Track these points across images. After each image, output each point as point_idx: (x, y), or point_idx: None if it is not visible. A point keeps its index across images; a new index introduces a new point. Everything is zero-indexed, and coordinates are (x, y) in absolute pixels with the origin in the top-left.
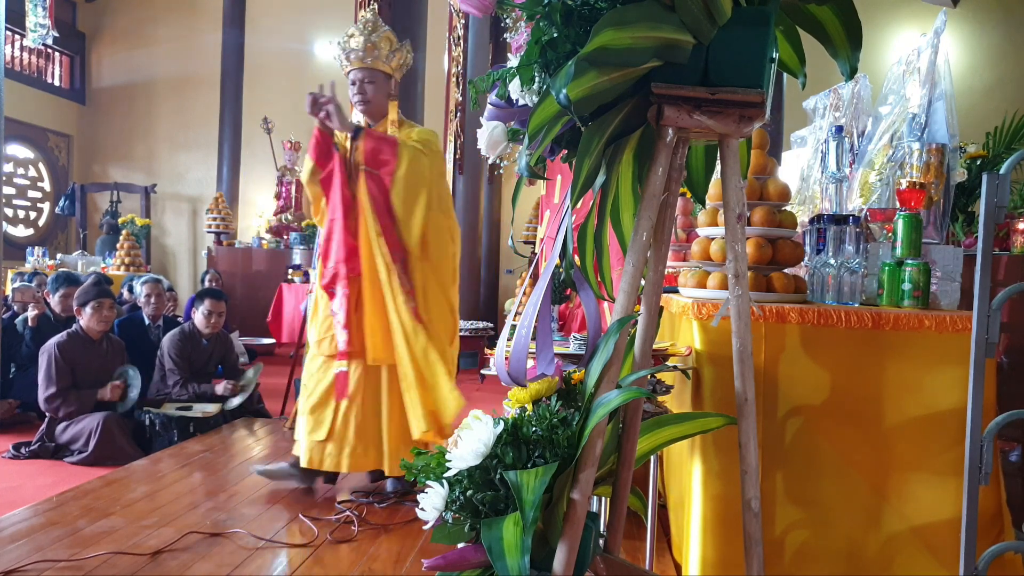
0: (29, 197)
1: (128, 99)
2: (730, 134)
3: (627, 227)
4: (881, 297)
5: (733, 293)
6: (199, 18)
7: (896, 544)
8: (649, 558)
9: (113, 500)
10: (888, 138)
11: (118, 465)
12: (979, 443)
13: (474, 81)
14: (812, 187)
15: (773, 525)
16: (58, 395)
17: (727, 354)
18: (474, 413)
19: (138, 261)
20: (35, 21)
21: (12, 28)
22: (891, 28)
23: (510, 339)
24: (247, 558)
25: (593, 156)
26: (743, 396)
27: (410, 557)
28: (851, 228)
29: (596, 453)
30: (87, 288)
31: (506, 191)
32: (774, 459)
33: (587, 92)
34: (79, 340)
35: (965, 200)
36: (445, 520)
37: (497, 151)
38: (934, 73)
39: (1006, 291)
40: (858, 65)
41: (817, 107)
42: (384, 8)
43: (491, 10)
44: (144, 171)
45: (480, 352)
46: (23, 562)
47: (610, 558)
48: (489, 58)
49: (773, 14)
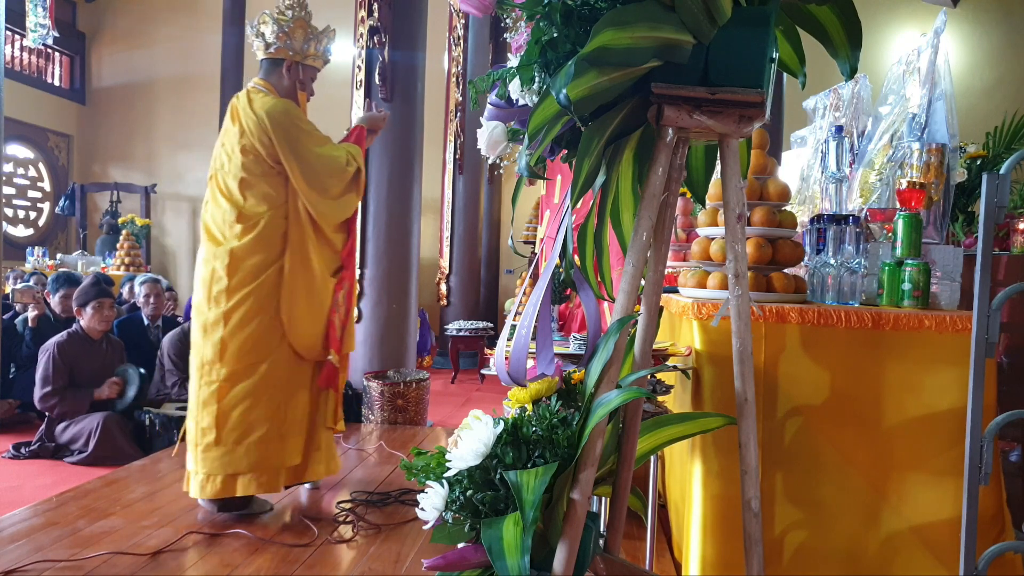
0: (29, 197)
1: (128, 99)
2: (730, 134)
3: (627, 227)
4: (881, 297)
5: (733, 293)
6: (199, 18)
7: (896, 544)
8: (649, 558)
9: (113, 500)
10: (888, 138)
11: (118, 465)
12: (979, 443)
13: (474, 81)
14: (812, 187)
15: (773, 525)
16: (53, 394)
17: (727, 354)
18: (474, 413)
19: (138, 261)
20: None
21: (12, 28)
22: (891, 28)
23: (510, 339)
24: (247, 558)
25: (593, 156)
26: (743, 396)
27: (410, 557)
28: (851, 228)
29: (596, 453)
30: (86, 288)
31: (506, 191)
32: (774, 459)
33: (587, 92)
34: (79, 340)
35: (965, 200)
36: (445, 520)
37: (497, 151)
38: (934, 73)
39: (1006, 291)
40: (858, 65)
41: (817, 107)
42: (384, 8)
43: (491, 10)
44: (144, 171)
45: (480, 352)
46: (23, 562)
47: (610, 558)
48: (489, 58)
49: (773, 14)
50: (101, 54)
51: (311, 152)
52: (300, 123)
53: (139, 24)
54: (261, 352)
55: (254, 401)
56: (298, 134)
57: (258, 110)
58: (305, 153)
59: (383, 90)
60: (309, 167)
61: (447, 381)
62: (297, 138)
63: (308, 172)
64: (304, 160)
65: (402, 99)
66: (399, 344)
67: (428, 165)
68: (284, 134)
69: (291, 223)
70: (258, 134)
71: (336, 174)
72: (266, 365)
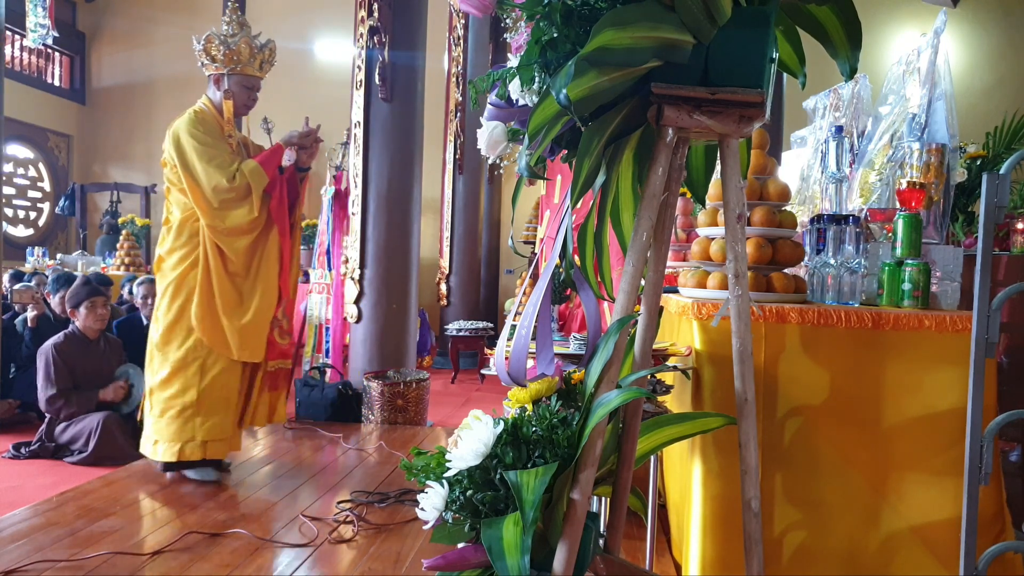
0: (29, 197)
1: (128, 99)
2: (730, 134)
3: (627, 227)
4: (881, 297)
5: (733, 293)
6: (199, 18)
7: (896, 544)
8: (649, 558)
9: (113, 500)
10: (888, 138)
11: (118, 465)
12: (979, 443)
13: (474, 81)
14: (812, 187)
15: (773, 525)
16: (59, 396)
17: (727, 354)
18: (474, 413)
19: (138, 261)
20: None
21: (12, 28)
22: (891, 28)
23: (510, 339)
24: (247, 558)
25: (593, 156)
26: (743, 396)
27: (410, 557)
28: (851, 228)
29: (596, 453)
30: (77, 289)
31: (506, 191)
32: (774, 459)
33: (587, 92)
34: (76, 340)
35: (965, 200)
36: (445, 520)
37: (497, 151)
38: (934, 73)
39: (1006, 291)
40: (858, 65)
41: (817, 107)
42: (384, 8)
43: (491, 10)
44: (144, 171)
45: (480, 352)
46: (23, 562)
47: (610, 558)
48: (489, 58)
49: (773, 14)
50: (101, 54)
51: (198, 164)
52: (194, 138)
53: (139, 24)
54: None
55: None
56: (189, 148)
57: (170, 127)
58: (191, 166)
59: (383, 90)
60: (192, 178)
61: (447, 381)
62: (186, 152)
63: (193, 183)
64: (189, 172)
65: (402, 99)
66: (399, 344)
67: (428, 165)
68: (177, 147)
69: (201, 227)
70: (167, 148)
71: (219, 188)
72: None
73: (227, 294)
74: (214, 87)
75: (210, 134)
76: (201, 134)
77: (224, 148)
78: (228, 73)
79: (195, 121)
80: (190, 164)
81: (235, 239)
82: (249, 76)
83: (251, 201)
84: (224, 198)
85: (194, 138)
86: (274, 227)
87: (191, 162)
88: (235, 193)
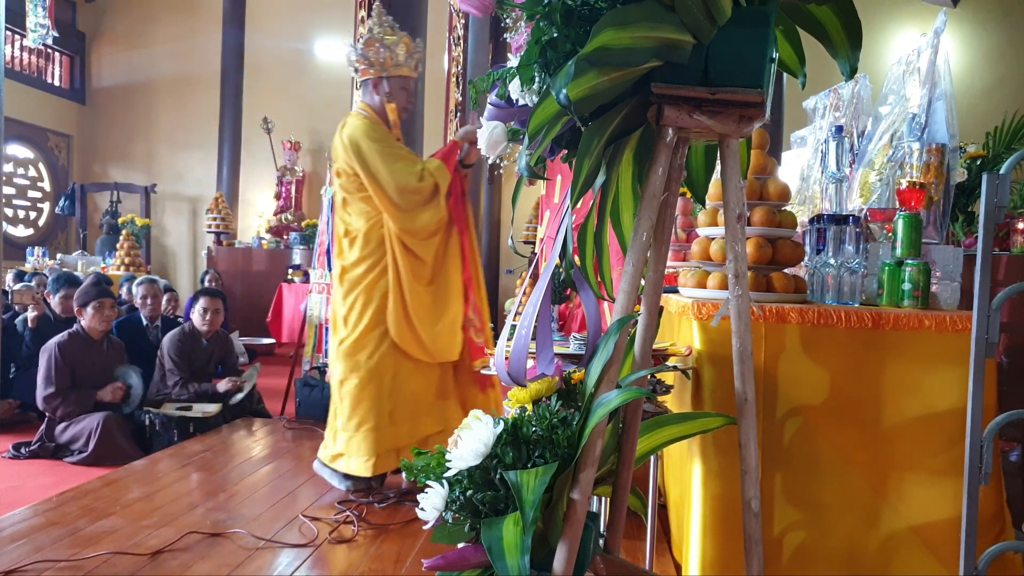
0: (29, 197)
1: (128, 99)
2: (730, 134)
3: (627, 227)
4: (881, 297)
5: (733, 293)
6: (199, 18)
7: (896, 544)
8: (649, 558)
9: (113, 500)
10: (888, 138)
11: (118, 465)
12: (979, 443)
13: (474, 81)
14: (812, 187)
15: (773, 525)
16: (57, 395)
17: (727, 354)
18: (474, 413)
19: (138, 261)
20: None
21: (12, 28)
22: (891, 28)
23: (510, 339)
24: (247, 558)
25: (593, 156)
26: (743, 396)
27: (410, 557)
28: (851, 228)
29: (596, 453)
30: (87, 288)
31: (506, 191)
32: (774, 459)
33: (587, 92)
34: (80, 340)
35: (965, 200)
36: (445, 520)
37: (497, 151)
38: (934, 73)
39: (1006, 291)
40: (858, 65)
41: (817, 107)
42: (384, 8)
43: (491, 10)
44: (144, 171)
45: None
46: (23, 562)
47: (610, 558)
48: (489, 58)
49: (773, 14)
50: (101, 54)
51: (382, 168)
52: (375, 142)
53: (139, 24)
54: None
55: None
56: (371, 153)
57: (343, 135)
58: (375, 172)
59: None
60: (378, 183)
61: None
62: (367, 158)
63: (379, 188)
64: (374, 178)
65: None
66: None
67: None
68: (357, 154)
69: (386, 234)
70: (344, 157)
71: (408, 189)
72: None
73: (418, 296)
74: (371, 91)
75: (387, 138)
76: (380, 137)
77: (405, 149)
78: (387, 76)
79: (371, 126)
80: (374, 169)
81: (427, 240)
82: (406, 77)
83: (439, 200)
84: (413, 199)
85: (375, 142)
86: (454, 226)
87: (375, 167)
88: (423, 193)
